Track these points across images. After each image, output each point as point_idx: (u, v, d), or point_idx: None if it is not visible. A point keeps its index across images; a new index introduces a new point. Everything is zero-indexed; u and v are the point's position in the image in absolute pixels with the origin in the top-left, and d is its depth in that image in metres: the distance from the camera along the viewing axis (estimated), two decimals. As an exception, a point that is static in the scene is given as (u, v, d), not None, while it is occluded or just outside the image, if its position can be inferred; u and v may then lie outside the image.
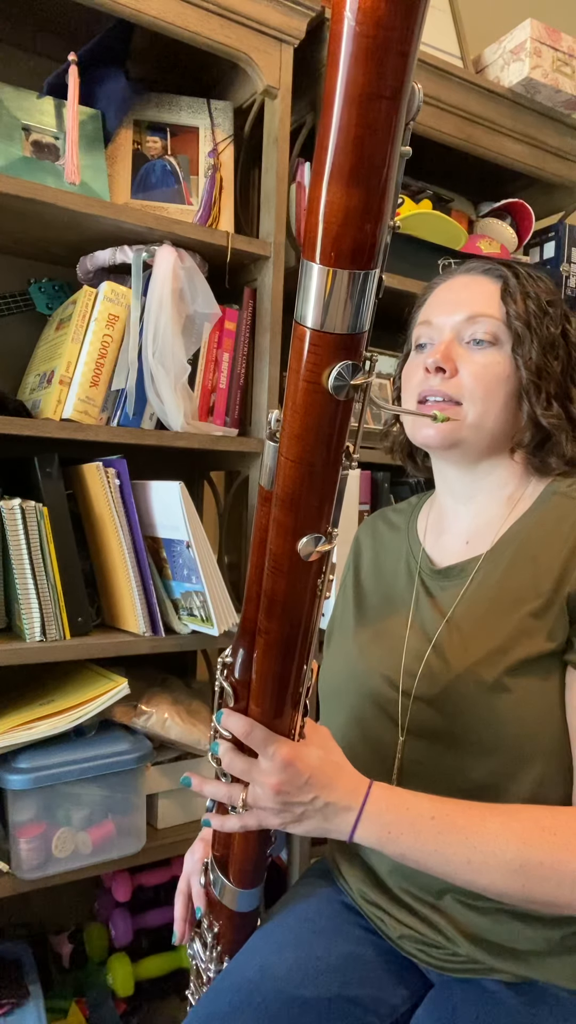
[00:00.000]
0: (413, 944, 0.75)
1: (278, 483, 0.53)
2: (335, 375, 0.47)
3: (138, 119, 1.20)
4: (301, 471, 0.51)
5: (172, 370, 1.09)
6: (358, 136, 0.39)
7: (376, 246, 0.44)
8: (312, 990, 0.72)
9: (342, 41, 0.37)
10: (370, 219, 0.42)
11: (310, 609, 0.58)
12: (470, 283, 0.81)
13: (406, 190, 1.44)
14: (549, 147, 1.42)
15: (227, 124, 1.22)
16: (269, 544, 0.55)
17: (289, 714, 0.63)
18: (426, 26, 1.40)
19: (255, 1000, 0.71)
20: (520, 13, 1.40)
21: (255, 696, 0.63)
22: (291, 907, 0.84)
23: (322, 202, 0.41)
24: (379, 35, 0.36)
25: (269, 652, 0.60)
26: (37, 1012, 1.10)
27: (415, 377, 0.81)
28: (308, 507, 0.53)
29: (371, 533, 0.96)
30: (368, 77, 0.37)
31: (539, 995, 0.70)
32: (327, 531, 0.54)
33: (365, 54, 0.37)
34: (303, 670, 0.62)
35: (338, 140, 0.40)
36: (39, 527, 1.02)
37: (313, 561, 0.55)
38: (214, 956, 0.82)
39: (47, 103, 1.11)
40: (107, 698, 1.06)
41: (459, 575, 0.79)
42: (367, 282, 0.44)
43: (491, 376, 0.77)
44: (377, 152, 0.40)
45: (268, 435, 0.56)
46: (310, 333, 0.46)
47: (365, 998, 0.72)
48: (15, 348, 1.24)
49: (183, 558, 1.09)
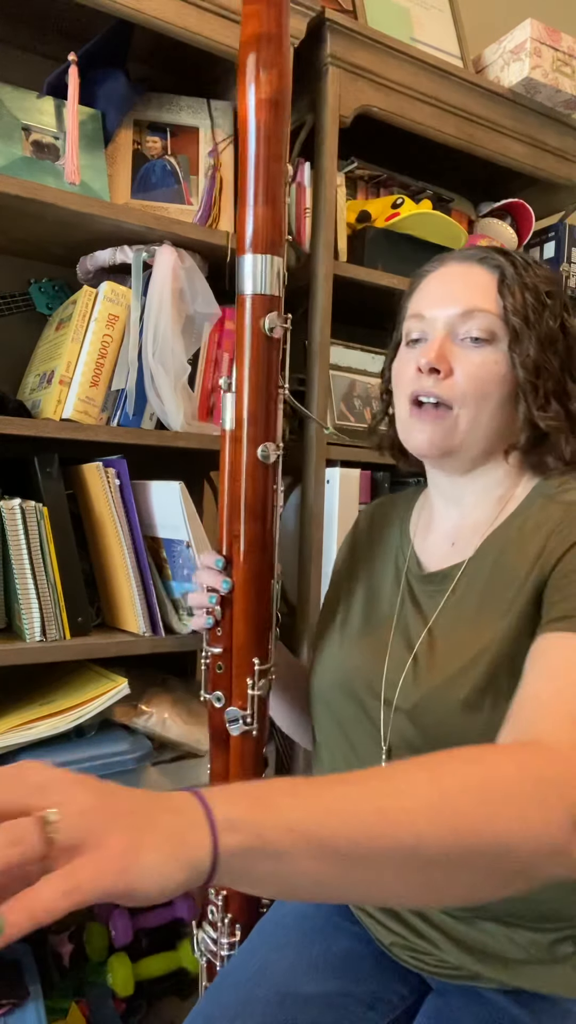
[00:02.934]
0: (404, 951, 0.75)
1: (240, 409, 0.78)
2: (268, 321, 0.76)
3: (138, 119, 1.20)
4: (257, 396, 0.78)
5: (172, 370, 1.09)
6: (265, 176, 0.76)
7: (279, 240, 0.77)
8: (312, 987, 0.72)
9: (248, 132, 0.75)
10: (275, 223, 0.77)
11: (272, 512, 0.80)
12: (465, 273, 0.77)
13: (406, 190, 1.44)
14: (549, 147, 1.42)
15: (227, 124, 1.22)
16: (240, 461, 0.78)
17: (266, 613, 0.80)
18: (426, 26, 1.40)
19: (256, 997, 0.71)
20: (520, 13, 1.40)
21: (239, 598, 0.79)
22: (288, 906, 0.84)
23: (249, 216, 0.76)
24: (268, 128, 0.75)
25: (249, 551, 0.79)
26: (37, 1012, 1.09)
27: (406, 374, 0.78)
28: (263, 421, 0.78)
29: (370, 519, 0.94)
30: (268, 147, 0.76)
31: (537, 1003, 0.69)
32: (276, 442, 0.79)
33: (265, 138, 0.75)
34: (273, 568, 0.81)
35: (255, 180, 0.76)
36: (39, 527, 1.02)
37: (270, 465, 0.78)
38: (225, 927, 0.82)
39: (47, 103, 1.11)
40: (107, 698, 1.05)
41: (442, 582, 0.77)
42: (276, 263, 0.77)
43: (487, 377, 0.74)
44: (275, 186, 0.76)
45: (225, 388, 0.80)
46: (250, 297, 0.77)
47: (364, 995, 0.72)
48: (15, 348, 1.24)
49: (183, 558, 1.09)
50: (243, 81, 0.75)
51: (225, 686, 0.82)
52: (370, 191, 1.44)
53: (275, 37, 0.74)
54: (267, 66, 0.74)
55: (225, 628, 0.81)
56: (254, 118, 0.75)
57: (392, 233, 1.29)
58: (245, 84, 0.75)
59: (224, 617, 0.81)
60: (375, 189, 1.44)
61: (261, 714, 0.81)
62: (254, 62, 0.74)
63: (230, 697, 0.81)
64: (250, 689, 0.79)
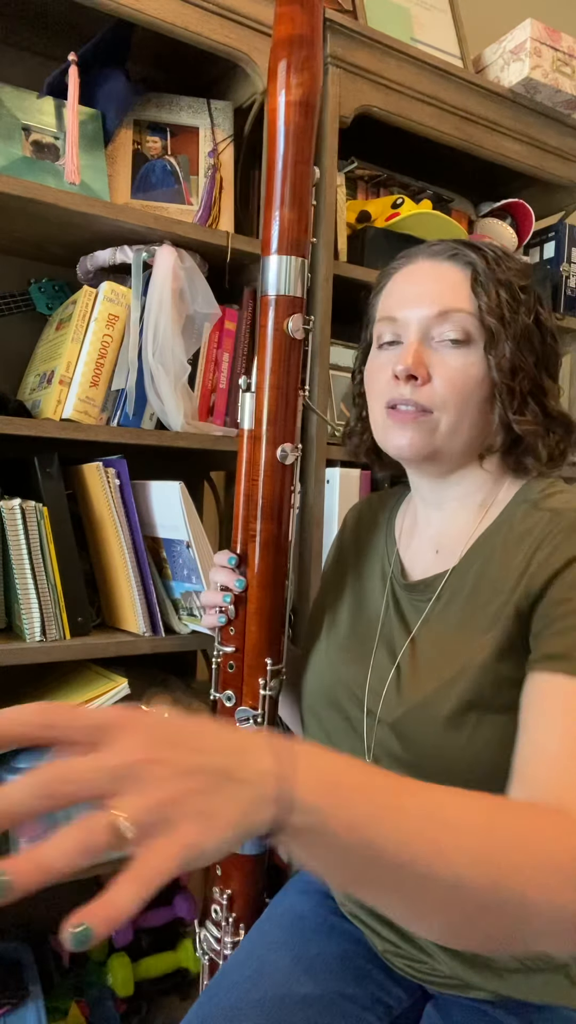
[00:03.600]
0: (398, 959, 0.74)
1: (260, 409, 0.78)
2: (292, 323, 0.77)
3: (138, 119, 1.20)
4: (277, 397, 0.78)
5: (172, 370, 1.09)
6: (292, 178, 0.77)
7: (304, 241, 0.78)
8: (309, 987, 0.71)
9: (277, 133, 0.77)
10: (301, 225, 0.78)
11: (288, 512, 0.80)
12: (436, 272, 0.74)
13: (406, 190, 1.44)
14: (549, 147, 1.42)
15: (227, 124, 1.22)
16: (258, 461, 0.79)
17: (280, 613, 0.80)
18: (426, 26, 1.40)
19: (253, 998, 0.70)
20: (520, 13, 1.40)
21: (253, 597, 0.79)
22: (285, 906, 0.83)
23: (275, 217, 0.78)
24: (297, 130, 0.76)
25: (265, 551, 0.79)
26: (37, 1012, 1.09)
27: (381, 379, 0.75)
28: (283, 422, 0.79)
29: (356, 518, 0.93)
30: (296, 150, 0.77)
31: (534, 1015, 0.69)
32: (295, 443, 0.79)
33: (294, 139, 0.76)
34: (288, 568, 0.81)
35: (281, 182, 0.77)
36: (39, 527, 1.02)
37: (288, 465, 0.79)
38: (229, 927, 0.82)
39: (47, 103, 1.11)
40: (107, 698, 1.05)
41: (425, 591, 0.75)
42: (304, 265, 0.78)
43: (466, 380, 0.71)
44: (303, 188, 0.78)
45: (244, 387, 0.81)
46: (274, 298, 0.78)
47: (362, 996, 0.72)
48: (15, 348, 1.24)
49: (183, 558, 1.09)
50: (274, 82, 0.76)
51: (236, 685, 0.82)
52: (370, 191, 1.44)
53: (308, 40, 0.75)
54: (299, 69, 0.75)
55: (238, 627, 0.81)
56: (283, 120, 0.76)
57: (392, 233, 1.29)
58: (276, 86, 0.76)
59: (237, 616, 0.81)
60: (375, 189, 1.44)
61: (272, 714, 0.80)
62: (286, 64, 0.75)
63: (241, 696, 0.81)
64: (262, 689, 0.79)
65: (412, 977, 0.74)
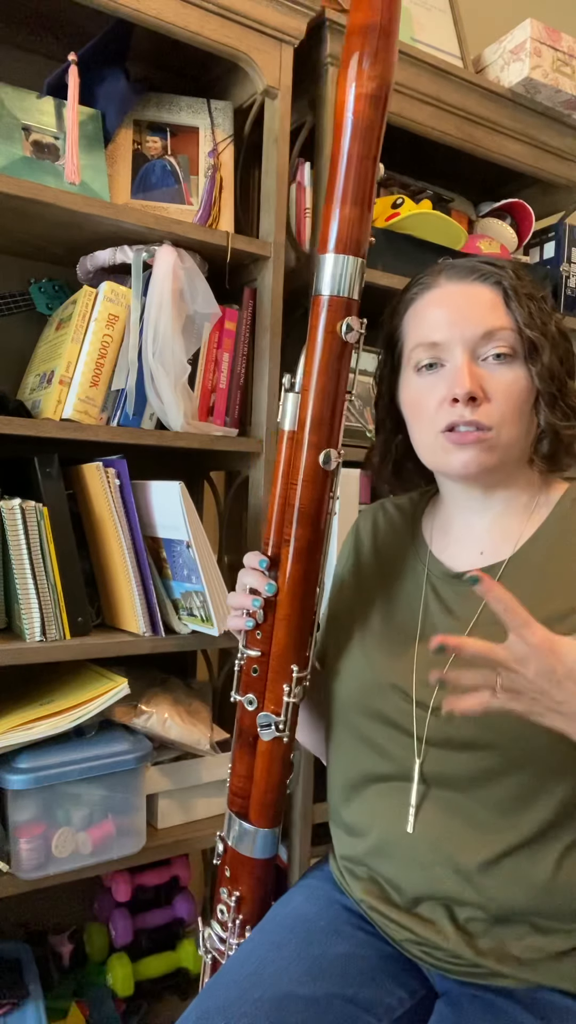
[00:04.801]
0: (416, 947, 0.75)
1: (304, 411, 0.76)
2: (346, 325, 0.74)
3: (138, 119, 1.20)
4: (323, 400, 0.75)
5: (172, 370, 1.09)
6: (356, 175, 0.73)
7: (364, 241, 0.75)
8: (309, 988, 0.71)
9: (345, 127, 0.72)
10: (362, 224, 0.74)
11: (325, 519, 0.78)
12: (468, 293, 0.77)
13: (406, 190, 1.44)
14: (549, 147, 1.42)
15: (227, 124, 1.22)
16: (298, 464, 0.76)
17: (309, 620, 0.79)
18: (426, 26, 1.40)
19: (251, 997, 0.70)
20: (520, 13, 1.40)
21: (283, 603, 0.78)
22: (290, 906, 0.84)
23: (335, 214, 0.74)
24: (366, 125, 0.72)
25: (299, 557, 0.77)
26: (37, 1012, 1.09)
27: (430, 404, 0.77)
28: (328, 426, 0.76)
29: (371, 523, 0.94)
30: (363, 145, 0.73)
31: (548, 1004, 0.69)
32: (338, 448, 0.76)
33: (361, 134, 0.72)
34: (320, 578, 0.79)
35: (345, 177, 0.73)
36: (39, 527, 1.02)
37: (331, 471, 0.76)
38: (235, 928, 0.82)
39: (47, 103, 1.11)
40: (107, 698, 1.06)
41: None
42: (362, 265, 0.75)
43: (519, 394, 0.75)
44: (367, 185, 0.74)
45: (288, 388, 0.80)
46: (328, 299, 0.74)
47: (362, 998, 0.72)
48: (15, 348, 1.24)
49: (183, 558, 1.09)
50: (344, 72, 0.71)
51: (259, 690, 0.81)
52: (370, 191, 1.44)
53: (385, 29, 0.70)
54: (373, 59, 0.70)
55: (265, 632, 0.80)
56: (352, 112, 0.71)
57: (392, 233, 1.29)
58: (347, 77, 0.71)
59: (265, 620, 0.80)
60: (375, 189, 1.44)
61: (294, 721, 0.80)
62: (359, 54, 0.70)
63: (263, 701, 0.80)
64: (286, 696, 0.78)
65: (429, 965, 0.74)
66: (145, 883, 1.31)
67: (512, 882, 0.71)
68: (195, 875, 1.46)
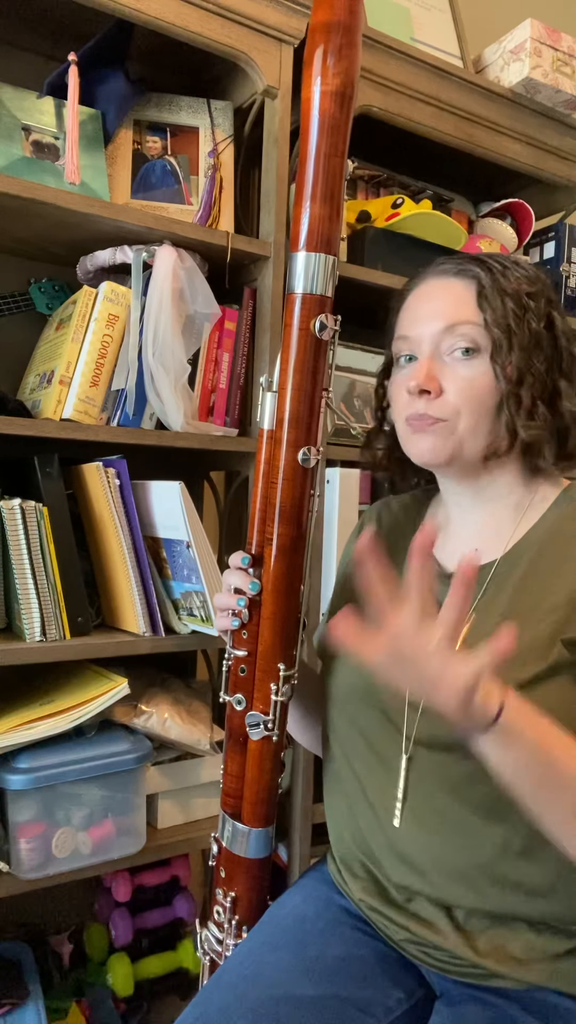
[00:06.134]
0: (415, 947, 0.75)
1: (283, 409, 0.76)
2: (319, 323, 0.74)
3: (138, 119, 1.20)
4: (300, 398, 0.75)
5: (172, 370, 1.09)
6: (324, 172, 0.73)
7: (335, 239, 0.75)
8: (306, 989, 0.71)
9: (311, 124, 0.72)
10: (332, 221, 0.74)
11: (307, 516, 0.78)
12: (443, 288, 0.78)
13: (406, 190, 1.44)
14: (549, 147, 1.42)
15: (227, 124, 1.22)
16: (277, 463, 0.76)
17: (295, 618, 0.80)
18: (426, 26, 1.40)
19: (249, 998, 0.70)
20: (520, 13, 1.40)
21: (268, 602, 0.78)
22: (288, 908, 0.83)
23: (305, 212, 0.73)
24: (332, 122, 0.72)
25: (281, 555, 0.77)
26: (37, 1012, 1.10)
27: (401, 395, 0.80)
28: (306, 424, 0.76)
29: (376, 520, 0.94)
30: (330, 142, 0.73)
31: (547, 1005, 0.69)
32: (317, 446, 0.77)
33: (329, 131, 0.72)
34: (304, 572, 0.80)
35: (313, 175, 0.73)
36: (39, 527, 1.02)
37: (310, 469, 0.76)
38: (232, 929, 0.82)
39: (47, 103, 1.11)
40: (107, 698, 1.06)
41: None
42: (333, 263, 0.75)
43: (477, 389, 0.75)
44: (335, 183, 0.74)
45: (266, 387, 0.80)
46: (301, 296, 0.74)
47: (359, 999, 0.72)
48: (15, 348, 1.24)
49: (183, 558, 1.09)
50: (309, 70, 0.72)
51: (247, 689, 0.81)
52: (370, 191, 1.44)
53: (348, 27, 0.71)
54: (337, 57, 0.71)
55: (251, 631, 0.80)
56: (318, 110, 0.72)
57: (392, 233, 1.29)
58: (312, 74, 0.72)
59: (251, 620, 0.80)
60: (375, 189, 1.44)
61: (283, 720, 0.80)
62: (322, 51, 0.71)
63: (251, 701, 0.81)
64: (274, 695, 0.79)
65: (429, 966, 0.74)
66: (145, 883, 1.31)
67: (510, 883, 0.71)
68: (195, 875, 1.46)
